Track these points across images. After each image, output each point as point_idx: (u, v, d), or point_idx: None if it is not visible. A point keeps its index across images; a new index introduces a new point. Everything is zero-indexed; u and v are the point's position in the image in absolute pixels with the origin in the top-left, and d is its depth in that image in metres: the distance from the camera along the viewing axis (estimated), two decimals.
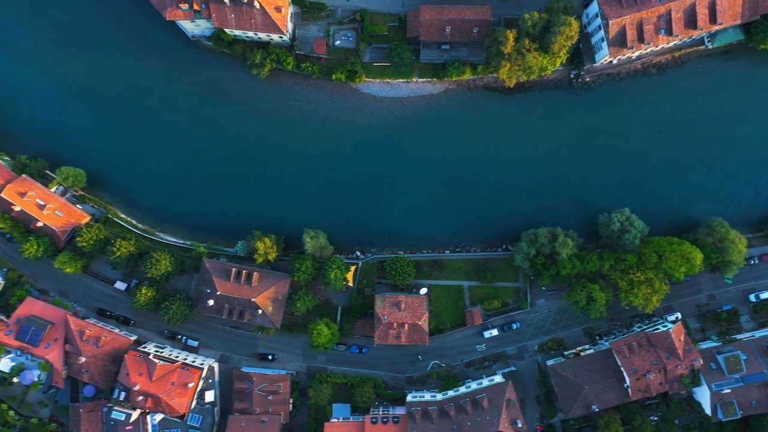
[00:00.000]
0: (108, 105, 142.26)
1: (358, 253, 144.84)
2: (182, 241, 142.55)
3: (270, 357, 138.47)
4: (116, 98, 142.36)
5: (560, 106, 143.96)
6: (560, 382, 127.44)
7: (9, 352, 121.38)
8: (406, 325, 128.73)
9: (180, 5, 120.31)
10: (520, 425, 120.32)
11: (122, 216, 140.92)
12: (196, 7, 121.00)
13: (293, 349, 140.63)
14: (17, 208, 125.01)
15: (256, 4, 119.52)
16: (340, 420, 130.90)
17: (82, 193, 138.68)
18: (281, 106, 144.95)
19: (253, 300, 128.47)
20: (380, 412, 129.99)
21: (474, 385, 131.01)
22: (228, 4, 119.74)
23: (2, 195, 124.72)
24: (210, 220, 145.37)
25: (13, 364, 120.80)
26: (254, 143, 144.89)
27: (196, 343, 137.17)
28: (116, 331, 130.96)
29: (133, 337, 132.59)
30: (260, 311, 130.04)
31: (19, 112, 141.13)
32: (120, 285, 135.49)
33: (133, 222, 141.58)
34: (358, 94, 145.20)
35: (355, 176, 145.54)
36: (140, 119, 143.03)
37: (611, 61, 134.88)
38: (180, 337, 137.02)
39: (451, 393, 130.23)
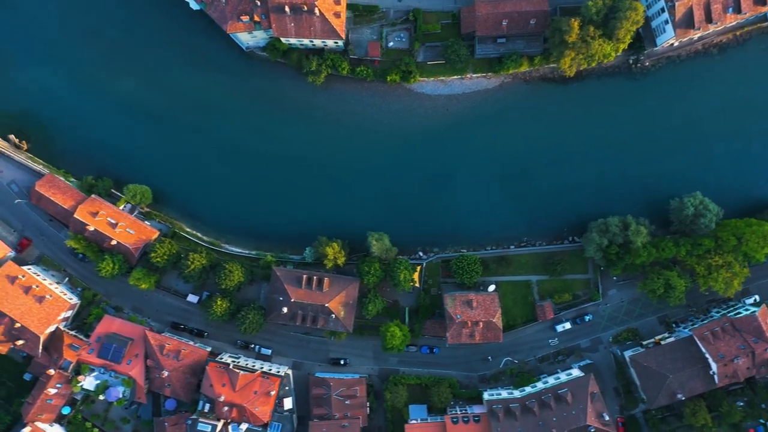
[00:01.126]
0: (166, 121, 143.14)
1: (421, 254, 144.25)
2: (247, 251, 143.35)
3: (342, 361, 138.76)
4: (174, 114, 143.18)
5: (619, 92, 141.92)
6: (642, 372, 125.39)
7: (93, 371, 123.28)
8: (481, 323, 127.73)
9: (241, 18, 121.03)
10: (607, 418, 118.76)
11: (188, 230, 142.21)
12: (256, 18, 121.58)
13: (364, 352, 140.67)
14: (91, 228, 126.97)
15: (317, 11, 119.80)
16: (419, 421, 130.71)
17: (148, 209, 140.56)
18: (336, 111, 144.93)
19: (326, 305, 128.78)
20: (458, 412, 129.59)
21: (551, 380, 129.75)
22: (288, 13, 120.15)
23: (76, 216, 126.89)
24: (272, 228, 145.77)
25: (98, 382, 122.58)
26: (311, 150, 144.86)
27: (269, 351, 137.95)
28: (191, 343, 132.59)
29: (208, 349, 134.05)
30: (333, 316, 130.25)
31: (79, 133, 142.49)
32: (192, 298, 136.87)
33: (199, 235, 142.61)
34: (413, 94, 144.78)
35: (413, 176, 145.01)
36: (199, 133, 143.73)
37: (672, 44, 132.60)
38: (253, 346, 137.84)
39: (528, 389, 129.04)
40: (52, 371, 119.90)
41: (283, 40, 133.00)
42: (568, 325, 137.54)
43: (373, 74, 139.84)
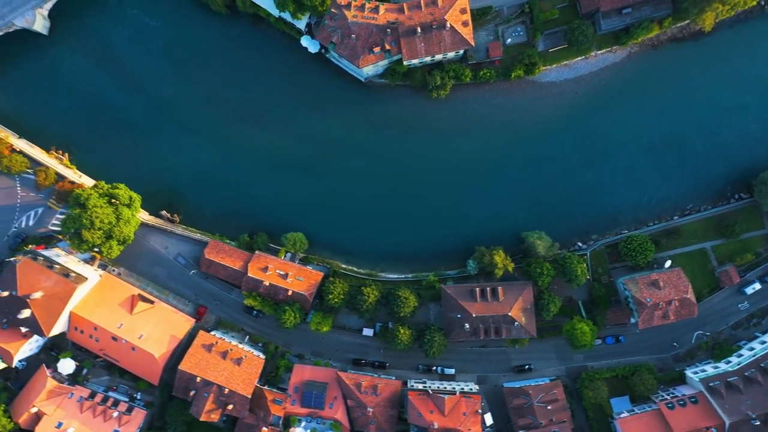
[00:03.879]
0: (300, 166, 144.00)
1: (580, 244, 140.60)
2: (404, 276, 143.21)
3: (526, 367, 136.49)
4: (306, 157, 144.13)
5: (756, 35, 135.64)
6: None
7: (300, 421, 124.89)
8: (675, 302, 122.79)
9: (373, 50, 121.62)
10: None
11: (344, 266, 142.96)
12: (387, 47, 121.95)
13: (546, 354, 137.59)
14: (267, 283, 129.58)
15: (447, 25, 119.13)
16: (626, 413, 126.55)
17: (304, 254, 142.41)
18: (462, 120, 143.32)
19: (508, 314, 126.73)
20: (667, 396, 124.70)
21: (757, 346, 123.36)
22: (419, 33, 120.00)
23: (250, 275, 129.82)
24: (421, 249, 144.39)
25: (308, 431, 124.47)
26: (445, 164, 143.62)
27: (453, 370, 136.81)
28: (376, 376, 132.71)
29: (392, 378, 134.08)
30: (516, 324, 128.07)
31: (222, 195, 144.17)
32: (367, 331, 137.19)
33: (354, 269, 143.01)
34: (537, 85, 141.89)
35: (555, 166, 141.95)
36: (333, 171, 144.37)
37: None
38: (435, 368, 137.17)
39: (735, 359, 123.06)
40: (265, 429, 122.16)
41: (404, 62, 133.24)
42: (757, 286, 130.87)
43: (496, 75, 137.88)
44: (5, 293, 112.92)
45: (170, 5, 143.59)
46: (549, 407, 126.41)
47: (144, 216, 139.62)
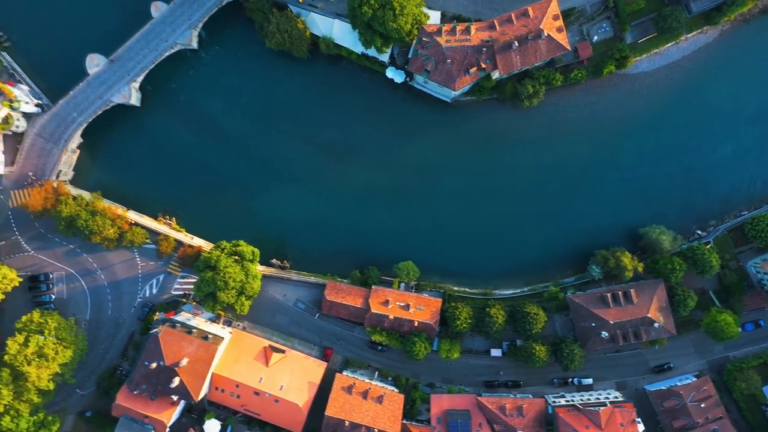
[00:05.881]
0: (397, 195, 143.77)
1: (699, 232, 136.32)
2: (520, 290, 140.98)
3: (666, 366, 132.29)
4: (401, 186, 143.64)
5: None
6: None
7: None
8: None
9: (470, 71, 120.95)
10: None
11: (456, 289, 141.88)
12: (482, 65, 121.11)
13: (684, 351, 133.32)
14: (391, 317, 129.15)
15: (543, 34, 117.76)
16: None
17: (416, 282, 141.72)
18: (555, 124, 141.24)
19: (647, 316, 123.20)
20: None
21: None
22: (515, 47, 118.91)
23: (373, 311, 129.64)
24: (529, 261, 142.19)
25: None
26: (542, 171, 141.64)
27: (590, 380, 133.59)
28: (513, 396, 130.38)
29: (529, 396, 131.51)
30: (656, 324, 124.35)
31: (325, 234, 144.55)
32: (495, 352, 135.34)
33: (467, 290, 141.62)
34: (629, 78, 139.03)
35: (660, 156, 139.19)
36: (430, 195, 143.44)
37: None
38: (571, 380, 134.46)
39: None
40: None
41: (493, 77, 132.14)
42: None
43: (586, 74, 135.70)
44: (154, 365, 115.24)
45: (251, 60, 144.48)
46: (702, 405, 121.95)
47: (258, 267, 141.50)
